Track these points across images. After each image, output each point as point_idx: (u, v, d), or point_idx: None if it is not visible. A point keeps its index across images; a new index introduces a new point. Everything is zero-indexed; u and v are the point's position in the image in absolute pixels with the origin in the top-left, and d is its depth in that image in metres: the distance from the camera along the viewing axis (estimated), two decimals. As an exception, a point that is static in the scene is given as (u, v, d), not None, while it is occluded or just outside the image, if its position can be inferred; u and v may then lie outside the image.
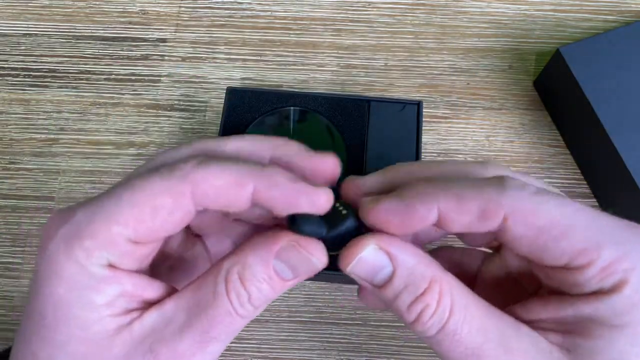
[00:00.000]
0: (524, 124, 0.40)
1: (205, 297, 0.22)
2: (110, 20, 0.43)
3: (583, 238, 0.21)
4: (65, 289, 0.21)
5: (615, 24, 0.43)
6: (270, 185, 0.22)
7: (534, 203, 0.21)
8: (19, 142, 0.40)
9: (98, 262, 0.21)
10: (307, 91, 0.40)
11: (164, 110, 0.41)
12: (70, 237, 0.21)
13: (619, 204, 0.36)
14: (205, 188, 0.21)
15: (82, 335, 0.21)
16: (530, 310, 0.23)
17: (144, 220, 0.21)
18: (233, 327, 0.22)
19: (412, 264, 0.22)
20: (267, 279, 0.22)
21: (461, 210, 0.21)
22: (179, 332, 0.22)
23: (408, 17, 0.44)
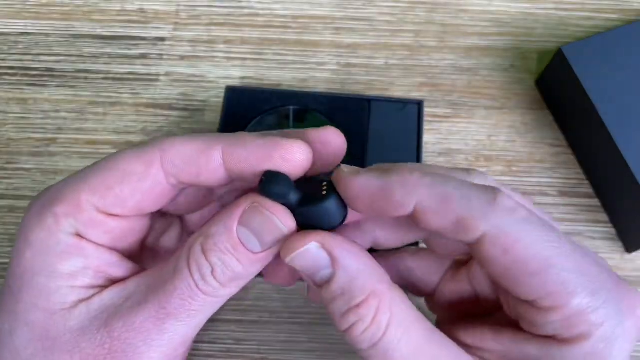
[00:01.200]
0: (526, 123, 0.40)
1: (166, 271, 0.21)
2: (109, 19, 0.43)
3: (558, 280, 0.19)
4: (32, 255, 0.21)
5: (617, 23, 0.43)
6: (237, 145, 0.21)
7: (518, 231, 0.19)
8: (16, 142, 0.40)
9: (66, 230, 0.21)
10: (306, 90, 0.39)
11: (163, 109, 0.40)
12: (43, 204, 0.21)
13: (621, 204, 0.36)
14: (173, 154, 0.21)
15: (43, 306, 0.20)
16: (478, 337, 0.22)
17: (112, 187, 0.21)
18: (195, 304, 0.21)
19: (354, 271, 0.21)
20: (231, 249, 0.21)
21: (439, 213, 0.20)
22: (136, 306, 0.20)
23: (409, 15, 0.43)
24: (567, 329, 0.20)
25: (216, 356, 0.34)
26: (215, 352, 0.34)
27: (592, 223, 0.37)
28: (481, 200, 0.19)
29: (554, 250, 0.19)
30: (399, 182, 0.20)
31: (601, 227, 0.37)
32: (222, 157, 0.21)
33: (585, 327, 0.19)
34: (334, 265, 0.21)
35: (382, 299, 0.20)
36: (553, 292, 0.19)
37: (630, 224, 0.35)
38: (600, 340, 0.19)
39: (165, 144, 0.21)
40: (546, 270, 0.19)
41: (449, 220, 0.20)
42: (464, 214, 0.19)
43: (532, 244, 0.19)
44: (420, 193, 0.20)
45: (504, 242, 0.19)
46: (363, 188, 0.20)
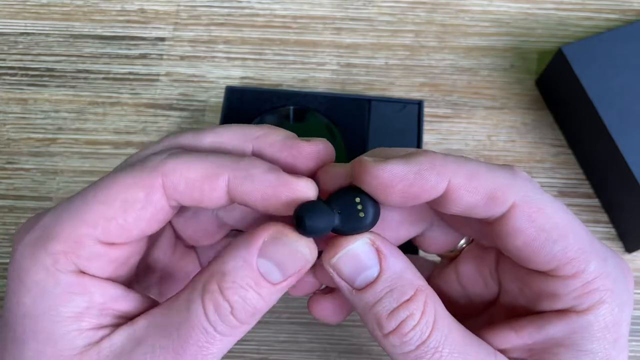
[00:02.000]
0: (526, 123, 0.40)
1: (178, 314, 0.19)
2: (109, 19, 0.43)
3: (576, 247, 0.20)
4: (32, 299, 0.19)
5: (617, 23, 0.43)
6: (244, 177, 0.20)
7: (541, 200, 0.20)
8: (16, 142, 0.40)
9: (66, 268, 0.19)
10: (307, 90, 0.39)
11: (163, 109, 0.40)
12: (36, 242, 0.19)
13: (621, 204, 0.36)
14: (175, 180, 0.20)
15: (49, 352, 0.19)
16: (500, 338, 0.22)
17: (114, 217, 0.19)
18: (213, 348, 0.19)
19: (401, 269, 0.20)
20: (252, 285, 0.19)
21: (471, 188, 0.20)
22: (150, 354, 0.19)
23: (409, 15, 0.43)
24: (586, 297, 0.20)
25: (216, 356, 0.34)
26: (215, 352, 0.34)
27: (592, 223, 0.37)
28: (505, 173, 0.20)
29: (568, 220, 0.20)
30: (429, 164, 0.20)
31: (601, 227, 0.37)
32: (226, 186, 0.20)
33: (601, 292, 0.20)
34: (381, 263, 0.20)
35: (428, 294, 0.20)
36: (573, 258, 0.20)
37: (630, 224, 0.35)
38: (615, 304, 0.20)
39: (168, 168, 0.20)
40: (566, 237, 0.20)
41: (481, 195, 0.20)
42: (495, 186, 0.20)
43: (553, 212, 0.20)
44: (452, 172, 0.20)
45: (530, 210, 0.20)
46: (394, 178, 0.19)
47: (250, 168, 0.20)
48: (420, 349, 0.20)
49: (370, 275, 0.20)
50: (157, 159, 0.20)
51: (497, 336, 0.22)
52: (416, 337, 0.19)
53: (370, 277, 0.20)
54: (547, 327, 0.21)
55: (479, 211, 0.20)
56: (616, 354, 0.20)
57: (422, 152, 0.20)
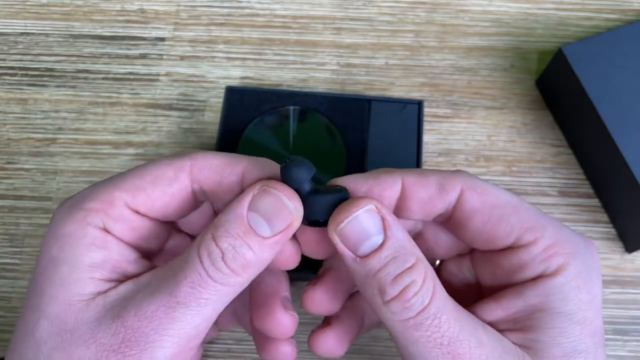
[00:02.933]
0: (526, 123, 0.40)
1: (177, 264, 0.22)
2: (109, 19, 0.43)
3: (529, 217, 0.22)
4: (59, 247, 0.22)
5: (617, 23, 0.43)
6: (257, 166, 0.23)
7: (486, 185, 0.23)
8: (16, 142, 0.40)
9: (94, 223, 0.22)
10: (307, 90, 0.39)
11: (163, 109, 0.40)
12: (73, 202, 0.23)
13: (621, 204, 0.36)
14: (202, 164, 0.23)
15: (61, 296, 0.21)
16: (486, 311, 0.23)
17: (144, 188, 0.23)
18: (204, 292, 0.21)
19: (403, 238, 0.22)
20: (242, 234, 0.21)
21: (422, 183, 0.23)
22: (148, 296, 0.21)
23: (409, 15, 0.43)
24: (550, 260, 0.22)
25: (216, 356, 0.34)
26: (215, 352, 0.34)
27: (592, 223, 0.37)
28: (447, 170, 0.23)
29: (515, 199, 0.23)
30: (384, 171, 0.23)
31: (601, 227, 0.37)
32: (242, 173, 0.23)
33: (564, 255, 0.22)
34: (386, 231, 0.22)
35: (428, 266, 0.22)
36: (530, 227, 0.22)
37: (630, 224, 0.35)
38: (581, 266, 0.22)
39: (195, 155, 0.23)
40: (518, 210, 0.23)
41: (432, 187, 0.23)
42: (441, 178, 0.23)
43: (500, 194, 0.23)
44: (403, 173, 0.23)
45: (477, 193, 0.23)
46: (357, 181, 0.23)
47: (263, 161, 0.23)
48: (420, 315, 0.21)
49: (375, 243, 0.21)
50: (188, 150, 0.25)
51: (482, 309, 0.23)
52: (418, 303, 0.21)
53: (375, 244, 0.21)
54: (524, 292, 0.22)
55: (435, 203, 0.23)
56: (592, 315, 0.22)
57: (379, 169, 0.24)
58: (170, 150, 0.39)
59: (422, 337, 0.21)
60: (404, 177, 0.23)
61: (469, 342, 0.21)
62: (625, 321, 0.35)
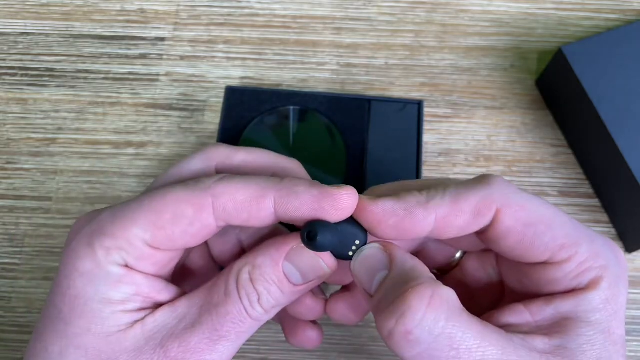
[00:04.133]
0: (526, 123, 0.40)
1: (217, 296, 0.22)
2: (109, 19, 0.43)
3: (564, 234, 0.22)
4: (83, 283, 0.21)
5: (617, 23, 0.43)
6: (289, 195, 0.21)
7: (520, 199, 0.22)
8: (16, 142, 0.40)
9: (115, 261, 0.21)
10: (307, 90, 0.39)
11: (163, 109, 0.40)
12: (92, 235, 0.22)
13: (621, 204, 0.36)
14: (226, 201, 0.22)
15: (95, 329, 0.21)
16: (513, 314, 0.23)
17: (163, 227, 0.22)
18: (243, 327, 0.22)
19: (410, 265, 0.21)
20: (276, 281, 0.22)
21: (457, 212, 0.22)
22: (190, 328, 0.22)
23: (409, 15, 0.43)
24: (583, 275, 0.22)
25: (216, 356, 0.34)
26: (215, 352, 0.34)
27: (592, 223, 0.37)
28: (482, 186, 0.22)
29: (551, 212, 0.22)
30: (414, 202, 0.22)
31: (601, 227, 0.37)
32: (274, 206, 0.22)
33: (597, 269, 0.22)
34: (391, 266, 0.22)
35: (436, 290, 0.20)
36: (564, 244, 0.21)
37: (630, 224, 0.35)
38: (612, 278, 0.22)
39: (218, 190, 0.22)
40: (553, 227, 0.22)
41: (467, 215, 0.22)
42: (476, 202, 0.22)
43: (534, 208, 0.22)
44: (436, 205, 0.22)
45: (512, 211, 0.22)
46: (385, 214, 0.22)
47: (294, 186, 0.22)
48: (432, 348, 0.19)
49: (382, 276, 0.22)
50: (208, 181, 0.22)
51: (509, 311, 0.23)
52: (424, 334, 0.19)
53: (382, 277, 0.22)
54: (555, 301, 0.22)
55: (470, 228, 0.22)
56: (616, 325, 0.22)
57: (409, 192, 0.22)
58: (170, 150, 0.39)
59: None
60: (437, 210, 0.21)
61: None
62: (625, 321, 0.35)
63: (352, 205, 0.22)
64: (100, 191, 0.38)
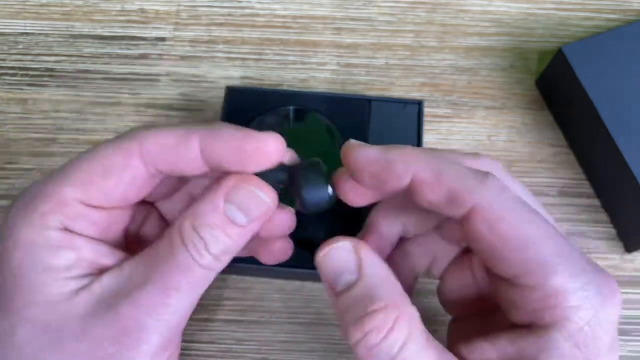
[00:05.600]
0: (526, 123, 0.40)
1: (163, 252, 0.22)
2: (109, 19, 0.43)
3: (538, 259, 0.20)
4: (22, 253, 0.21)
5: (617, 23, 0.43)
6: (214, 137, 0.22)
7: (505, 209, 0.20)
8: (16, 142, 0.40)
9: (53, 225, 0.21)
10: (307, 90, 0.39)
11: (163, 109, 0.40)
12: (26, 202, 0.21)
13: (621, 204, 0.36)
14: (152, 144, 0.22)
15: (41, 299, 0.21)
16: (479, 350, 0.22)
17: (94, 181, 0.21)
18: (194, 277, 0.21)
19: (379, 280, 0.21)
20: (220, 225, 0.22)
21: (433, 186, 0.21)
22: (140, 285, 0.21)
23: (409, 15, 0.43)
24: (545, 311, 0.20)
25: (216, 356, 0.34)
26: (216, 352, 0.34)
27: (592, 223, 0.37)
28: (472, 177, 0.21)
29: (536, 231, 0.20)
30: (399, 155, 0.22)
31: (601, 227, 0.37)
32: (199, 147, 0.22)
33: (564, 309, 0.20)
34: (359, 271, 0.21)
35: (402, 313, 0.20)
36: (532, 269, 0.20)
37: (630, 224, 0.35)
38: (584, 323, 0.20)
39: (143, 135, 0.22)
40: (526, 248, 0.20)
41: (441, 193, 0.21)
42: (455, 187, 0.21)
43: (516, 222, 0.20)
44: (417, 166, 0.21)
45: (489, 217, 0.20)
46: (368, 159, 0.22)
47: (219, 128, 0.22)
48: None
49: (349, 280, 0.21)
50: (135, 130, 0.22)
51: (476, 349, 0.22)
52: (383, 353, 0.20)
53: (349, 281, 0.21)
54: (518, 341, 0.21)
55: (441, 209, 0.22)
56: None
57: (400, 146, 0.22)
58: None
59: None
60: (416, 172, 0.21)
61: None
62: (625, 321, 0.35)
63: (277, 150, 0.22)
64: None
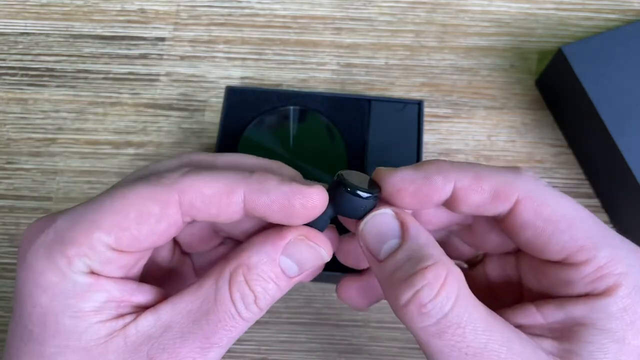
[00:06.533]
0: (526, 123, 0.40)
1: (206, 301, 0.21)
2: (109, 19, 0.43)
3: (585, 235, 0.21)
4: (49, 299, 0.20)
5: (617, 23, 0.43)
6: (259, 191, 0.21)
7: (545, 195, 0.21)
8: (16, 142, 0.40)
9: (80, 270, 0.20)
10: (307, 90, 0.39)
11: (163, 109, 0.40)
12: (50, 244, 0.20)
13: (621, 204, 0.36)
14: (192, 196, 0.20)
15: (73, 345, 0.20)
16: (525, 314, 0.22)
17: (128, 228, 0.20)
18: (236, 331, 0.21)
19: (424, 241, 0.21)
20: (274, 278, 0.21)
21: (476, 187, 0.21)
22: (179, 339, 0.20)
23: (409, 15, 0.43)
24: (600, 281, 0.21)
25: (216, 356, 0.34)
26: (215, 352, 0.34)
27: (592, 223, 0.37)
28: (508, 172, 0.22)
29: (575, 211, 0.21)
30: (435, 168, 0.22)
31: (601, 227, 0.37)
32: (243, 201, 0.21)
33: (615, 276, 0.21)
34: (404, 235, 0.21)
35: (451, 270, 0.20)
36: (583, 246, 0.21)
37: (630, 224, 0.35)
38: (632, 288, 0.21)
39: (185, 184, 0.20)
40: (574, 226, 0.21)
41: (486, 193, 0.21)
42: (498, 184, 0.21)
43: (558, 205, 0.21)
44: (456, 174, 0.22)
45: (535, 204, 0.21)
46: (405, 180, 0.22)
47: (264, 181, 0.21)
48: (441, 323, 0.20)
49: (393, 245, 0.21)
50: (173, 175, 0.21)
51: (521, 311, 0.22)
52: (436, 309, 0.20)
53: (393, 246, 0.21)
54: (567, 306, 0.21)
55: (487, 209, 0.22)
56: (632, 335, 0.21)
57: (430, 161, 0.22)
58: (171, 150, 0.39)
59: (446, 346, 0.20)
60: (457, 179, 0.21)
61: (497, 353, 0.20)
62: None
63: (322, 204, 0.21)
64: (100, 191, 0.38)
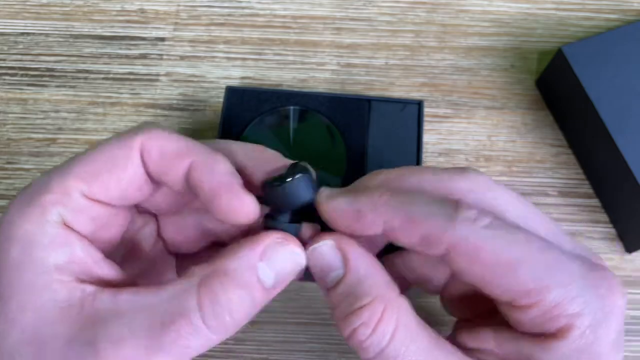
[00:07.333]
0: (526, 123, 0.40)
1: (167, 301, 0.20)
2: (109, 19, 0.43)
3: (530, 277, 0.20)
4: (19, 250, 0.20)
5: (617, 23, 0.43)
6: (205, 167, 0.21)
7: (480, 239, 0.20)
8: (16, 142, 0.40)
9: (53, 219, 0.20)
10: (307, 90, 0.39)
11: (163, 109, 0.40)
12: (27, 197, 0.21)
13: (621, 204, 0.36)
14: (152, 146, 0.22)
15: (32, 304, 0.20)
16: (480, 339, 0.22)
17: (98, 174, 0.21)
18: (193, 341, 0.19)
19: (363, 274, 0.21)
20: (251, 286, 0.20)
21: (405, 232, 0.21)
22: (129, 334, 0.19)
23: (409, 15, 0.43)
24: (549, 323, 0.20)
25: (216, 356, 0.34)
26: (215, 352, 0.34)
27: (592, 223, 0.37)
28: (442, 215, 0.20)
29: (520, 251, 0.20)
30: (368, 204, 0.21)
31: (601, 227, 0.37)
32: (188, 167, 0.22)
33: (566, 318, 0.20)
34: (345, 266, 0.21)
35: (388, 305, 0.20)
36: (527, 290, 0.20)
37: (630, 224, 0.35)
38: (586, 327, 0.20)
39: (148, 136, 0.22)
40: (518, 269, 0.20)
41: (415, 238, 0.21)
42: (427, 230, 0.20)
43: (497, 248, 0.20)
44: (387, 215, 0.21)
45: (468, 251, 0.20)
46: (337, 211, 0.22)
47: (213, 163, 0.22)
48: (380, 357, 0.20)
49: (338, 275, 0.21)
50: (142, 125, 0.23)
51: (476, 336, 0.22)
52: (372, 346, 0.20)
53: (338, 276, 0.21)
54: (522, 341, 0.21)
55: (419, 250, 0.21)
56: None
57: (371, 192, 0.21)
58: (170, 150, 0.39)
59: None
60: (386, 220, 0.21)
61: None
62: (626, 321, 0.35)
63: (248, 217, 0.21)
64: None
